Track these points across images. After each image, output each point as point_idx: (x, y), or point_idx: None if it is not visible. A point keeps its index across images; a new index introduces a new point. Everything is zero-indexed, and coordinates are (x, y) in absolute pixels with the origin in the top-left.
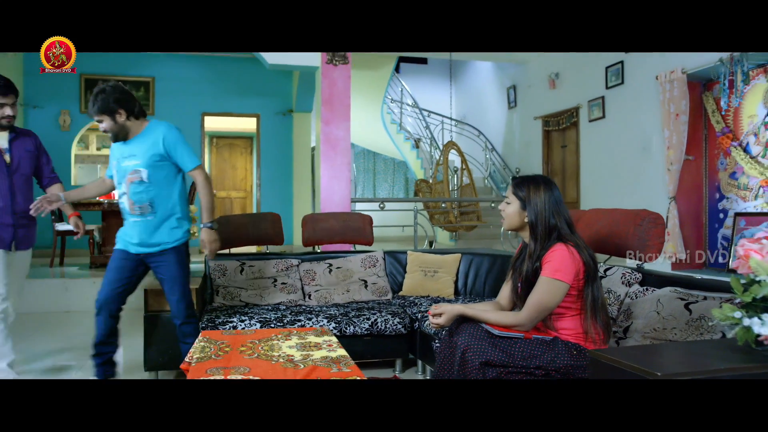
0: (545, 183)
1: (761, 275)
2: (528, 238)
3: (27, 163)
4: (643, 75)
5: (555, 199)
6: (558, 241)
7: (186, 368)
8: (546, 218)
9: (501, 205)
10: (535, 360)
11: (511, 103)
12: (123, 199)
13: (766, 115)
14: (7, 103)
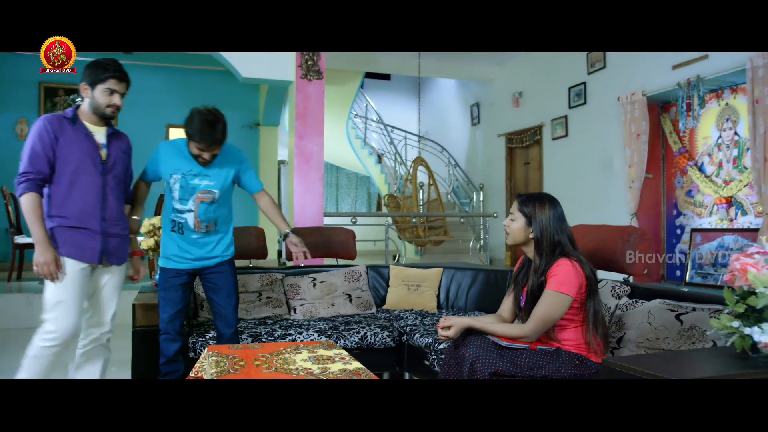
0: (549, 201)
1: (758, 287)
2: (532, 254)
3: (121, 165)
4: (605, 96)
5: (559, 216)
6: (561, 256)
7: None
8: (551, 234)
9: (506, 221)
10: (540, 370)
11: (474, 120)
12: (188, 215)
13: (718, 137)
14: (119, 91)
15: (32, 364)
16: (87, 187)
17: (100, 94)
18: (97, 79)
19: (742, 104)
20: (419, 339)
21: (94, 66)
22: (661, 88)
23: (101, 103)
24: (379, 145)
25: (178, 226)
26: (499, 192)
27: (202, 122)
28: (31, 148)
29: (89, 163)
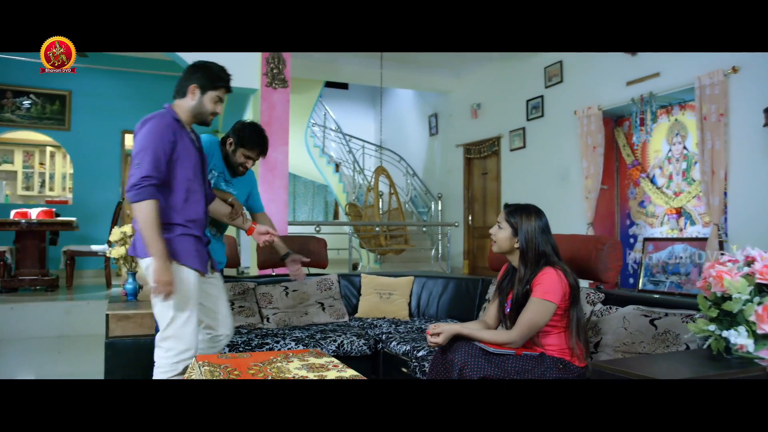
0: (536, 212)
1: (734, 293)
2: (516, 262)
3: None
4: (562, 109)
5: (543, 228)
6: (546, 265)
7: None
8: (536, 245)
9: (492, 230)
10: (527, 374)
11: (432, 131)
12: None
13: (668, 151)
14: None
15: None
16: (198, 193)
17: (209, 101)
18: (211, 85)
19: (690, 120)
20: (396, 347)
21: (208, 70)
22: (616, 103)
23: (207, 110)
24: (338, 154)
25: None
26: (457, 201)
27: (258, 131)
28: (154, 150)
29: (198, 168)
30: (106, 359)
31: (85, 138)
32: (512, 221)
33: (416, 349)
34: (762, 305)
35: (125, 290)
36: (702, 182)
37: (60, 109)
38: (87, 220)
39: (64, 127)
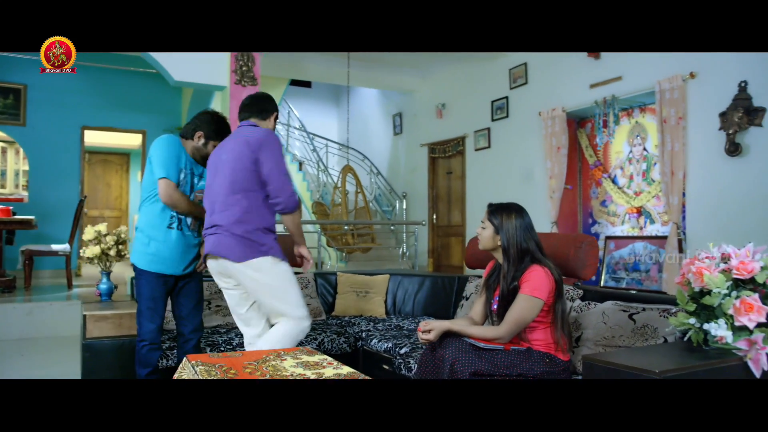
0: (517, 211)
1: (713, 287)
2: (501, 260)
3: None
4: (527, 110)
5: (526, 225)
6: (532, 262)
7: None
8: (518, 242)
9: (477, 229)
10: (515, 368)
11: (396, 130)
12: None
13: (629, 152)
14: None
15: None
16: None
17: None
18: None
19: (650, 123)
20: (378, 344)
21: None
22: (579, 105)
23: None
24: (301, 152)
25: (179, 222)
26: (422, 200)
27: (221, 122)
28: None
29: None
30: (83, 361)
31: (42, 134)
32: (494, 221)
33: (398, 347)
34: (739, 299)
35: (99, 290)
36: (662, 182)
37: (14, 104)
38: (44, 218)
39: (18, 123)
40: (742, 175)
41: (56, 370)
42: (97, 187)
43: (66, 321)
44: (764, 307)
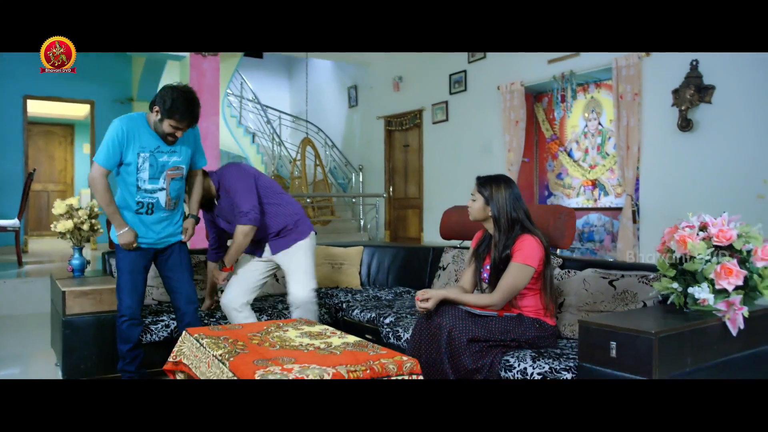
0: (505, 182)
1: (696, 254)
2: (492, 229)
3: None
4: (485, 84)
5: (514, 196)
6: (522, 231)
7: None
8: (508, 212)
9: (468, 202)
10: (509, 334)
11: (352, 102)
12: (159, 194)
13: (584, 126)
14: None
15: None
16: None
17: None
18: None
19: (605, 98)
20: (360, 314)
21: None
22: (538, 80)
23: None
24: (255, 125)
25: (148, 207)
26: (378, 173)
27: (185, 100)
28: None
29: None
30: (64, 338)
31: None
32: (484, 192)
33: (382, 316)
34: (720, 264)
35: (71, 266)
36: (618, 156)
37: None
38: None
39: None
40: (693, 150)
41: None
42: (40, 160)
43: (22, 299)
44: (742, 272)
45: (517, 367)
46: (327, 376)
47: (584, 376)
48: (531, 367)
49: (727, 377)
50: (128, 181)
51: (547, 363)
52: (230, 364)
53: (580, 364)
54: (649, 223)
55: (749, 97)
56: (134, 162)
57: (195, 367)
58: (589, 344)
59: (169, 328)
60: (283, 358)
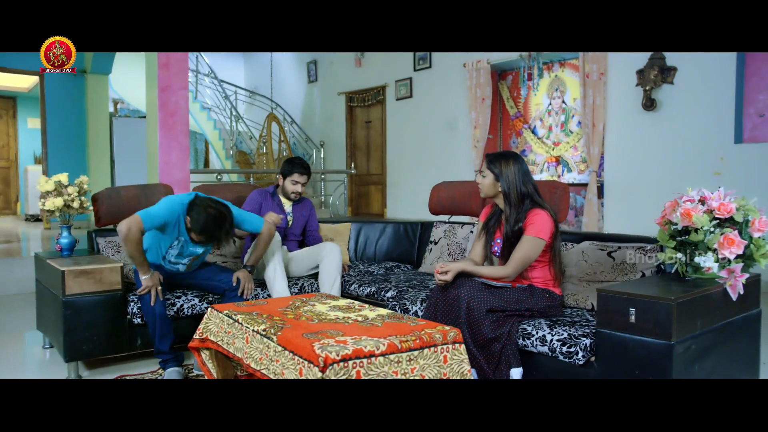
0: (514, 158)
1: (699, 226)
2: (502, 204)
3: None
4: (451, 62)
5: (523, 171)
6: (532, 206)
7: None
8: (517, 187)
9: (477, 178)
10: (523, 304)
11: (311, 78)
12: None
13: (548, 105)
14: (301, 182)
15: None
16: None
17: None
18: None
19: (569, 77)
20: (359, 289)
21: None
22: (504, 58)
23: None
24: (213, 100)
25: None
26: (340, 149)
27: (214, 224)
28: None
29: None
30: (64, 318)
31: None
32: (494, 169)
33: (383, 290)
34: (723, 235)
35: (60, 245)
36: (584, 134)
37: None
38: None
39: None
40: (656, 128)
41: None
42: None
43: None
44: (743, 241)
45: (536, 335)
46: (382, 347)
47: (603, 341)
48: (549, 335)
49: (727, 338)
50: (161, 243)
51: (564, 330)
52: (279, 339)
53: (598, 330)
54: (612, 198)
55: (709, 79)
56: (170, 240)
57: (227, 343)
58: (607, 311)
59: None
60: (329, 331)
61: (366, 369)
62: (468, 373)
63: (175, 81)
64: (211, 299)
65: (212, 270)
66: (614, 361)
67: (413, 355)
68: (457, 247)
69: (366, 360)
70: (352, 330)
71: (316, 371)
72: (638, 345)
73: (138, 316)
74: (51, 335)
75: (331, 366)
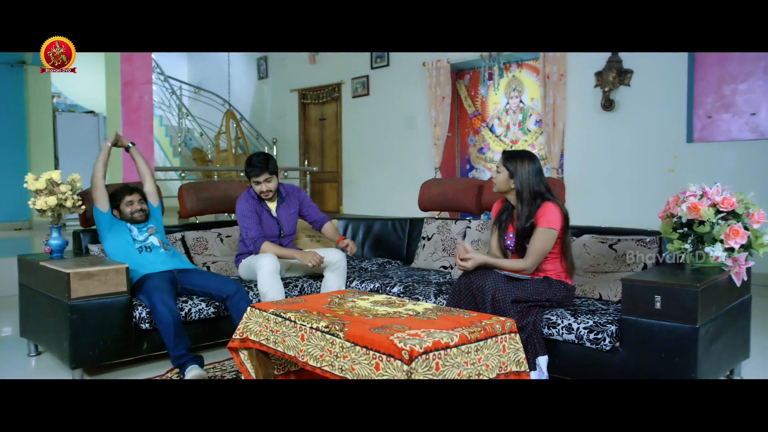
0: (529, 157)
1: (706, 218)
2: (514, 201)
3: (292, 225)
4: (409, 60)
5: (536, 170)
6: (543, 201)
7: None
8: (530, 185)
9: (492, 174)
10: (543, 295)
11: (262, 74)
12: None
13: (506, 104)
14: (262, 180)
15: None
16: None
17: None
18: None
19: (527, 77)
20: (362, 285)
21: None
22: (463, 58)
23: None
24: (158, 96)
25: (146, 248)
26: (293, 146)
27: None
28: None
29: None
30: (71, 323)
31: None
32: (509, 166)
33: (387, 285)
34: (729, 227)
35: (50, 246)
36: (545, 132)
37: None
38: None
39: None
40: (613, 128)
41: None
42: None
43: None
44: (746, 232)
45: (561, 324)
46: (456, 339)
47: (628, 327)
48: (575, 323)
49: (731, 321)
50: (124, 242)
51: (588, 318)
52: (347, 335)
53: (622, 317)
54: (572, 193)
55: (663, 82)
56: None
57: (273, 342)
58: (633, 299)
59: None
60: (393, 326)
61: (443, 360)
62: (523, 360)
63: (139, 75)
64: (218, 304)
65: (204, 277)
66: (640, 346)
67: (480, 346)
68: (451, 243)
69: (443, 352)
70: (415, 324)
71: (398, 364)
72: (664, 329)
73: (146, 321)
74: (46, 342)
75: (417, 358)
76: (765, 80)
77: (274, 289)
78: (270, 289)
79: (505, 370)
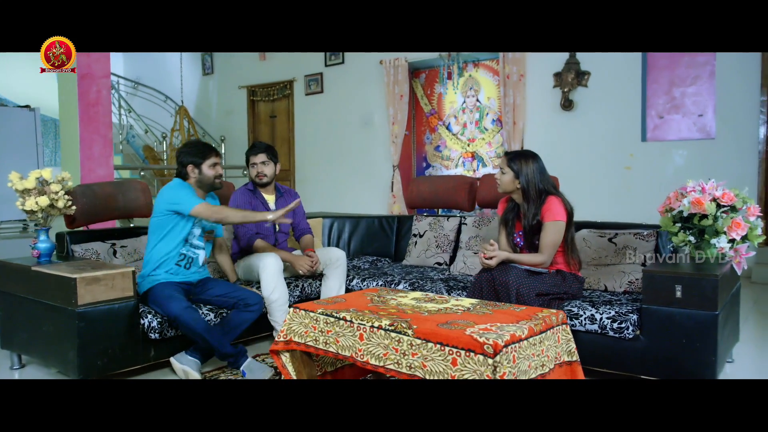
0: (532, 157)
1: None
2: (520, 200)
3: (287, 224)
4: (365, 58)
5: (540, 169)
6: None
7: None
8: (535, 184)
9: (497, 174)
10: (560, 287)
11: (207, 70)
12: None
13: (463, 103)
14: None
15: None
16: None
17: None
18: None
19: (483, 77)
20: (363, 284)
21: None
22: (422, 57)
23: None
24: None
25: (188, 260)
26: (241, 144)
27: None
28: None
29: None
30: (78, 332)
31: None
32: (514, 167)
33: (390, 284)
34: (732, 220)
35: (38, 250)
36: (504, 131)
37: None
38: None
39: None
40: (572, 127)
41: None
42: None
43: None
44: (746, 224)
45: (584, 315)
46: (525, 332)
47: (649, 316)
48: (597, 313)
49: (732, 307)
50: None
51: (610, 308)
52: (416, 332)
53: (642, 306)
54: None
55: (618, 83)
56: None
57: (324, 342)
58: (653, 289)
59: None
60: (458, 321)
61: (518, 353)
62: (574, 350)
63: (97, 68)
64: (224, 314)
65: (222, 286)
66: (661, 333)
67: (542, 338)
68: (444, 239)
69: (517, 345)
70: (474, 318)
71: (480, 359)
72: (685, 317)
73: (156, 331)
74: (40, 353)
75: (501, 351)
76: (710, 84)
77: (278, 288)
78: (275, 289)
79: (560, 360)
